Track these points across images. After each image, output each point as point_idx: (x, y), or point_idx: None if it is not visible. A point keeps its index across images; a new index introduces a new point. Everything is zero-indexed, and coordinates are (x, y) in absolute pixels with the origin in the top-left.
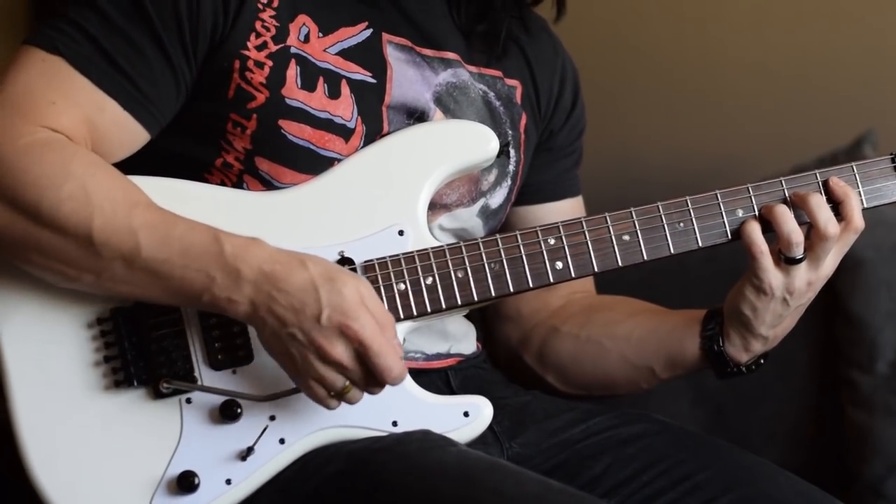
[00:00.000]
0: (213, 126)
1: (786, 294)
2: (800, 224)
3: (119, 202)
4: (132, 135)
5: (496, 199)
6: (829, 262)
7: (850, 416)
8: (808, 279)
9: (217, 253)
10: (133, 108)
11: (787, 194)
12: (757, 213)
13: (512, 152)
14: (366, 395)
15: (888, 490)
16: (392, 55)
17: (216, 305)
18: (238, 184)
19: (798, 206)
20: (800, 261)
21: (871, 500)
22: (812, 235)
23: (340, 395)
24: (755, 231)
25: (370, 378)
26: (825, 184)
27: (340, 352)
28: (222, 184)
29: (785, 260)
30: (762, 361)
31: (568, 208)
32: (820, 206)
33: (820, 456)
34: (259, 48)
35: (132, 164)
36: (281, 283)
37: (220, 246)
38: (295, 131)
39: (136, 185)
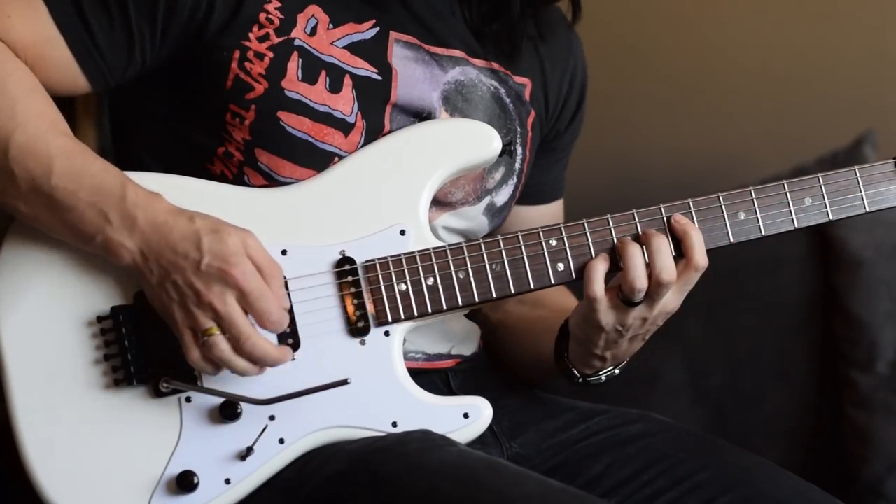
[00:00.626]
0: (214, 116)
1: (618, 327)
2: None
3: (44, 128)
4: (72, 79)
5: (502, 196)
6: (670, 300)
7: (850, 416)
8: (643, 316)
9: (120, 197)
10: (80, 53)
11: (664, 221)
12: (614, 243)
13: (519, 149)
14: (363, 395)
15: (888, 490)
16: (399, 54)
17: (106, 248)
18: (239, 175)
19: (644, 244)
20: (637, 304)
21: (871, 500)
22: (648, 278)
23: (205, 337)
24: (597, 273)
25: (244, 327)
26: (668, 220)
27: (216, 294)
28: (223, 174)
29: (623, 300)
30: (615, 372)
31: (556, 210)
32: (659, 250)
33: (820, 456)
34: (261, 39)
35: (143, 145)
36: (168, 233)
37: (124, 192)
38: (294, 123)
39: (64, 120)
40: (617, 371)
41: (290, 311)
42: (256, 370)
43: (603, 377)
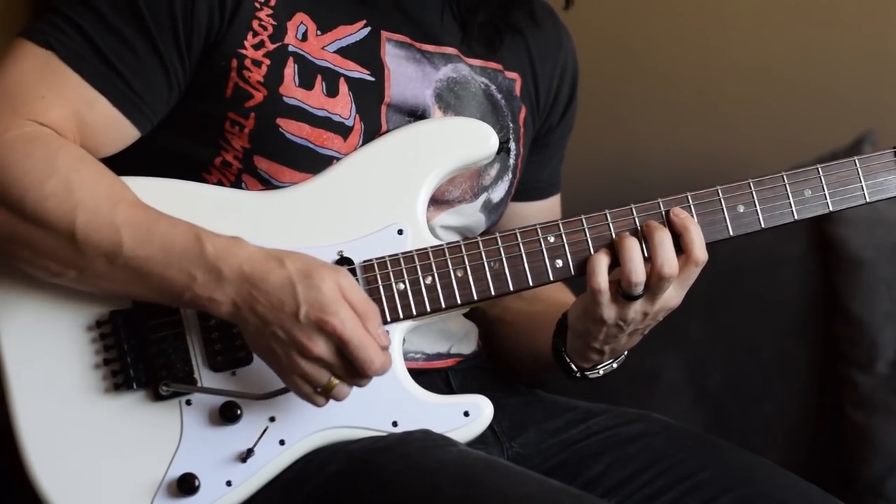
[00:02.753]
0: (212, 125)
1: (619, 321)
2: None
3: (102, 198)
4: (121, 132)
5: (498, 193)
6: (671, 295)
7: (850, 416)
8: (644, 310)
9: (198, 252)
10: (123, 105)
11: (663, 215)
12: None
13: (513, 146)
14: (363, 394)
15: (888, 490)
16: (391, 53)
17: (197, 304)
18: (237, 183)
19: (645, 237)
20: (637, 297)
21: (871, 500)
22: (650, 272)
23: (326, 391)
24: (600, 265)
25: (353, 371)
26: (666, 215)
27: (321, 347)
28: (220, 183)
29: (622, 294)
30: (614, 366)
31: (553, 205)
32: (662, 244)
33: (820, 456)
34: (256, 47)
35: (132, 164)
36: (260, 282)
37: (202, 245)
38: (293, 130)
39: (122, 182)
40: (615, 365)
41: None
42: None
43: (601, 371)
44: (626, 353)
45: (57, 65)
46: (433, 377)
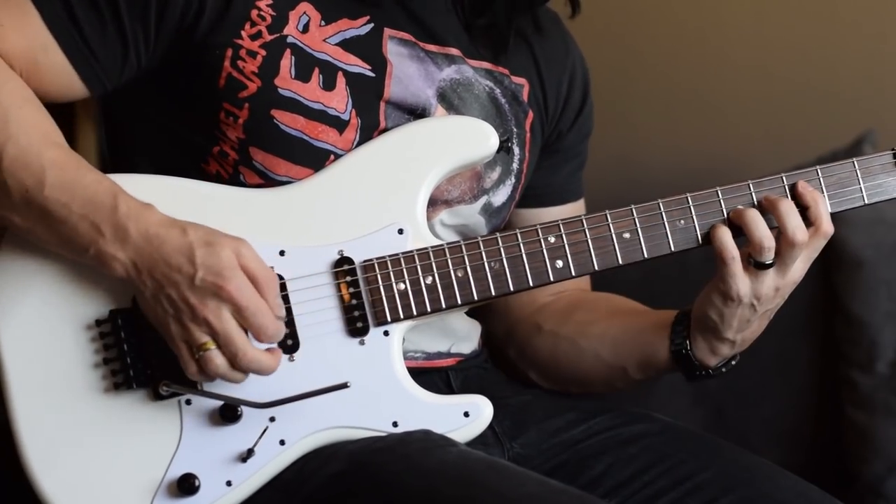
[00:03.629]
0: (207, 115)
1: (753, 300)
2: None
3: (36, 138)
4: (69, 84)
5: (499, 196)
6: (798, 268)
7: (850, 416)
8: (776, 285)
9: (112, 208)
10: (75, 58)
11: (786, 189)
12: (726, 216)
13: (516, 150)
14: (364, 395)
15: (888, 490)
16: (393, 50)
17: (100, 260)
18: (234, 175)
19: (768, 210)
20: (769, 266)
21: (871, 500)
22: (780, 242)
23: (200, 350)
24: (726, 235)
25: (239, 343)
26: (793, 188)
27: (210, 309)
28: (218, 173)
29: (754, 265)
30: (733, 363)
31: (571, 211)
32: (789, 212)
33: (820, 456)
34: (253, 37)
35: (137, 150)
36: (161, 245)
37: (116, 203)
38: (288, 121)
39: (58, 130)
40: (734, 362)
41: (289, 313)
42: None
43: (723, 369)
44: (747, 346)
45: (24, 2)
46: (433, 377)
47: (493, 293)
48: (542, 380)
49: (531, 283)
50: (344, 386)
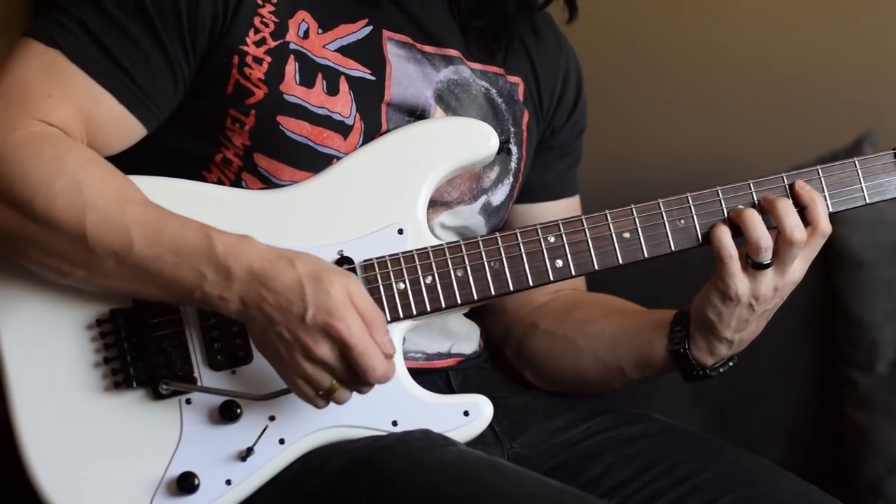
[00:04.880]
0: (212, 122)
1: (751, 300)
2: (768, 229)
3: (112, 198)
4: (128, 129)
5: (498, 196)
6: (797, 268)
7: (850, 416)
8: (775, 285)
9: (208, 250)
10: (129, 102)
11: (787, 189)
12: (726, 216)
13: (514, 149)
14: (364, 395)
15: (888, 490)
16: (392, 52)
17: (207, 302)
18: (236, 181)
19: (766, 210)
20: (767, 266)
21: (871, 500)
22: (779, 241)
23: (328, 395)
24: (725, 234)
25: (356, 377)
26: (791, 187)
27: (325, 351)
28: (220, 181)
29: (752, 265)
30: (731, 364)
31: (566, 207)
32: (787, 212)
33: (820, 456)
34: (258, 44)
35: (132, 161)
36: (269, 281)
37: (212, 243)
38: (293, 127)
39: (130, 181)
40: (731, 364)
41: None
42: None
43: (721, 369)
44: (745, 347)
45: (63, 63)
46: (433, 377)
47: (493, 293)
48: (538, 380)
49: (531, 283)
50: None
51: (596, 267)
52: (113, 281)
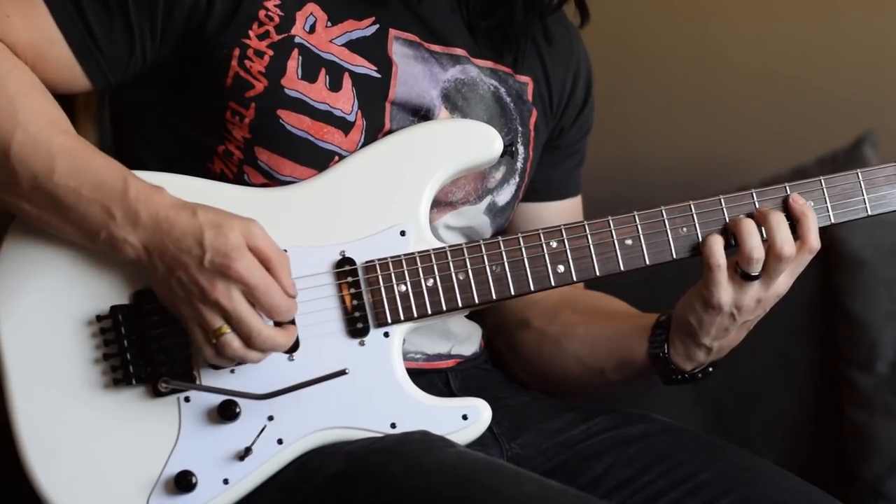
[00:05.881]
0: (214, 114)
1: (733, 309)
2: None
3: (44, 125)
4: (73, 78)
5: (503, 196)
6: (782, 281)
7: (850, 416)
8: (758, 297)
9: (122, 192)
10: (80, 52)
11: (786, 199)
12: (725, 224)
13: (521, 149)
14: (363, 395)
15: (888, 490)
16: (399, 51)
17: (111, 244)
18: (239, 174)
19: (759, 222)
20: (754, 278)
21: (871, 500)
22: (767, 254)
23: (216, 336)
24: (717, 244)
25: (251, 323)
26: (784, 200)
27: (220, 291)
28: (223, 173)
29: (741, 275)
30: (710, 370)
31: (570, 207)
32: (779, 225)
33: (820, 456)
34: (261, 37)
35: (140, 151)
36: (171, 229)
37: (126, 186)
38: (293, 122)
39: (65, 115)
40: (711, 369)
41: None
42: (266, 356)
43: (699, 374)
44: (725, 354)
45: None
46: (433, 378)
47: (494, 296)
48: (524, 374)
49: (532, 288)
50: (342, 373)
51: (597, 273)
52: (24, 203)
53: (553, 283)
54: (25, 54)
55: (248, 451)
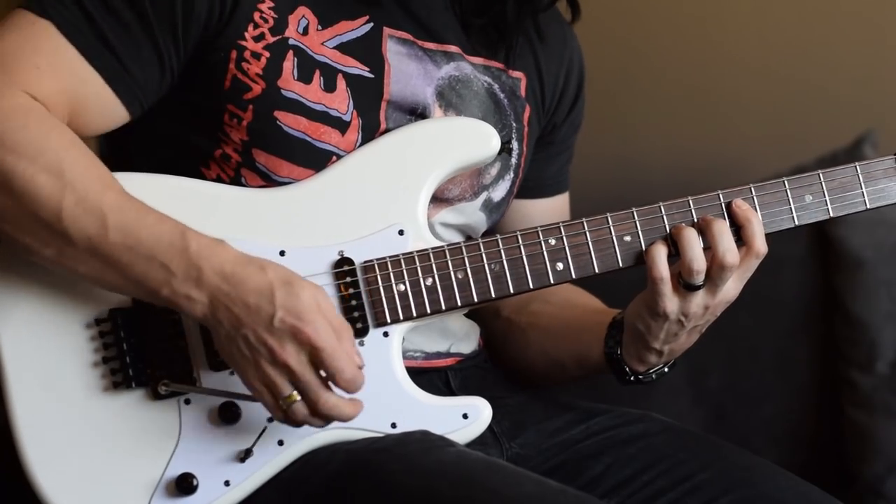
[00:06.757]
0: (211, 118)
1: (680, 317)
2: (705, 249)
3: (93, 183)
4: (111, 111)
5: (499, 192)
6: (730, 287)
7: (850, 416)
8: (706, 304)
9: (182, 248)
10: (115, 84)
11: (787, 193)
12: (668, 232)
13: (515, 145)
14: (363, 395)
15: (888, 490)
16: (392, 49)
17: (173, 301)
18: (236, 178)
19: (702, 230)
20: (698, 288)
21: (871, 500)
22: (711, 263)
23: (287, 403)
24: (660, 255)
25: (319, 390)
26: (727, 206)
27: (290, 353)
28: (219, 177)
29: (684, 285)
30: (665, 371)
31: (561, 204)
32: (721, 234)
33: (820, 456)
34: (256, 39)
35: (133, 156)
36: (239, 284)
37: (186, 242)
38: (291, 123)
39: (109, 171)
40: (667, 369)
41: None
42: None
43: (653, 375)
44: (679, 355)
45: (54, 36)
46: (432, 376)
47: (493, 295)
48: (495, 361)
49: (531, 286)
50: None
51: (596, 270)
52: (80, 265)
53: (552, 281)
54: (60, 102)
55: (248, 452)
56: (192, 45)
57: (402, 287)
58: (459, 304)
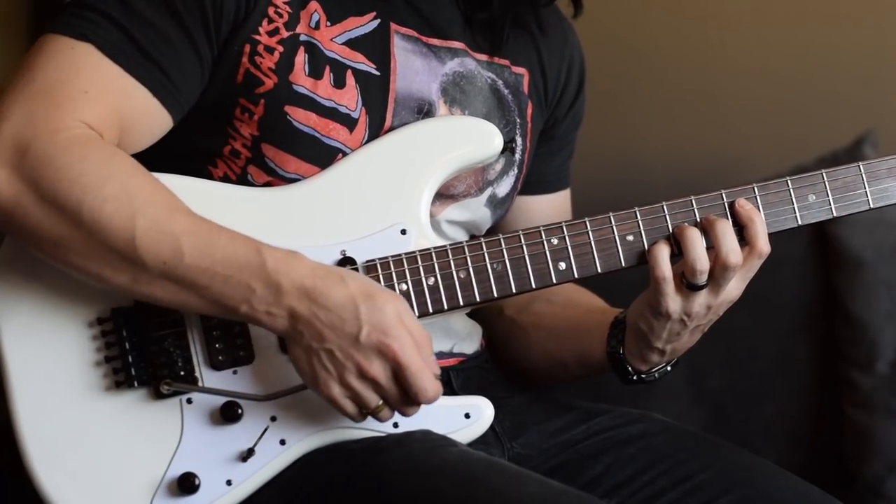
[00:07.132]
0: (222, 112)
1: (683, 316)
2: (708, 248)
3: (161, 206)
4: (158, 122)
5: (503, 187)
6: (733, 287)
7: (850, 416)
8: (708, 303)
9: (259, 265)
10: (162, 94)
11: (791, 191)
12: (671, 232)
13: (518, 140)
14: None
15: (888, 490)
16: (399, 46)
17: (253, 318)
18: (242, 175)
19: (705, 230)
20: (701, 287)
21: (871, 500)
22: (714, 263)
23: (373, 414)
24: (662, 255)
25: (404, 397)
26: (730, 206)
27: (377, 369)
28: (226, 175)
29: (686, 285)
30: (668, 370)
31: (562, 200)
32: (724, 235)
33: (820, 456)
34: (271, 34)
35: (142, 156)
36: (321, 298)
37: (262, 258)
38: (300, 118)
39: (173, 193)
40: (669, 368)
41: None
42: None
43: (656, 374)
44: (682, 354)
45: (96, 57)
46: None
47: (496, 294)
48: (496, 361)
49: (534, 285)
50: None
51: (599, 270)
52: (156, 290)
53: (554, 280)
54: (112, 124)
55: (250, 452)
56: (222, 43)
57: (404, 286)
58: (461, 303)
